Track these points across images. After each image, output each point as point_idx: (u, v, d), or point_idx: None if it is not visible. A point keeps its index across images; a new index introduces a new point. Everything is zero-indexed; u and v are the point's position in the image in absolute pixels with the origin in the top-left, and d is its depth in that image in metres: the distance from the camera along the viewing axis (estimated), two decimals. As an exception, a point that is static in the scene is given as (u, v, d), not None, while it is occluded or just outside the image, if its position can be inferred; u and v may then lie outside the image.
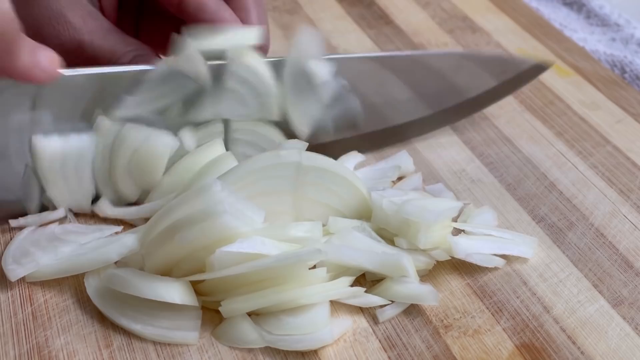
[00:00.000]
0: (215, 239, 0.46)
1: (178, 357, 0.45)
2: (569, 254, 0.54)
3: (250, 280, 0.46)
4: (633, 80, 0.75)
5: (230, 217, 0.45)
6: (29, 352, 0.45)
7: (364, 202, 0.53)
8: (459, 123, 0.66)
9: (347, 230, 0.51)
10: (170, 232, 0.46)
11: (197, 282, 0.47)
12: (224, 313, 0.47)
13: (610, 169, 0.62)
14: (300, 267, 0.46)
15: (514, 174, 0.61)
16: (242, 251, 0.45)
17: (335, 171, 0.52)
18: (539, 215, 0.57)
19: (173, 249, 0.47)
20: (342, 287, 0.49)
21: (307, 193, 0.51)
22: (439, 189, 0.58)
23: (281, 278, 0.46)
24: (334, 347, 0.46)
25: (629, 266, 0.53)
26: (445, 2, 0.86)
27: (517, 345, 0.47)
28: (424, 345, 0.47)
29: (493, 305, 0.49)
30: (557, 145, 0.64)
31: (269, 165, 0.50)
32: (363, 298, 0.49)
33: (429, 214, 0.50)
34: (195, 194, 0.46)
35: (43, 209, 0.53)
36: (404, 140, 0.63)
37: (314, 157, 0.51)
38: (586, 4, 0.89)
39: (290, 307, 0.46)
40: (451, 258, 0.51)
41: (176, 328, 0.46)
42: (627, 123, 0.68)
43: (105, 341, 0.46)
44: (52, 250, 0.49)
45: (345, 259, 0.49)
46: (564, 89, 0.72)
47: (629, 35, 0.83)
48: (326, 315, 0.47)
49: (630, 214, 0.57)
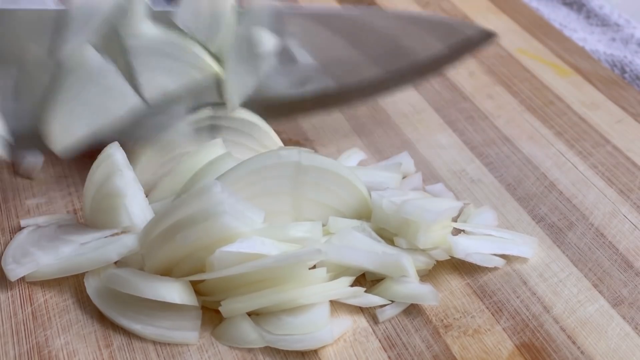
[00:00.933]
0: (216, 239, 0.46)
1: (178, 357, 0.45)
2: (569, 254, 0.54)
3: (250, 280, 0.47)
4: (633, 80, 0.75)
5: (231, 217, 0.45)
6: (29, 352, 0.45)
7: (363, 202, 0.53)
8: (459, 124, 0.66)
9: (347, 230, 0.51)
10: (170, 233, 0.46)
11: (197, 282, 0.48)
12: (224, 313, 0.47)
13: (610, 168, 0.62)
14: (300, 267, 0.46)
15: (514, 174, 0.61)
16: (242, 251, 0.45)
17: (335, 171, 0.52)
18: (539, 215, 0.57)
19: (173, 249, 0.47)
20: (342, 287, 0.49)
21: (306, 193, 0.51)
22: (439, 189, 0.58)
23: (281, 278, 0.46)
24: (334, 347, 0.46)
25: (629, 266, 0.53)
26: (445, 2, 0.86)
27: (517, 345, 0.47)
28: (424, 345, 0.47)
29: (493, 305, 0.49)
30: (557, 145, 0.64)
31: (269, 166, 0.50)
32: (363, 298, 0.49)
33: (428, 213, 0.50)
34: (195, 195, 0.46)
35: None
36: (356, 101, 0.64)
37: (313, 157, 0.51)
38: (586, 4, 0.89)
39: (290, 307, 0.46)
40: (451, 258, 0.51)
41: (176, 328, 0.46)
42: (627, 123, 0.68)
43: (105, 341, 0.46)
44: (52, 250, 0.49)
45: (345, 259, 0.49)
46: (564, 89, 0.72)
47: (629, 35, 0.83)
48: (326, 315, 0.47)
49: (630, 214, 0.57)
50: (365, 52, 0.61)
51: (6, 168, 0.59)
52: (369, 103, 0.65)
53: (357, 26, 0.61)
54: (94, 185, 0.51)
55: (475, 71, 0.75)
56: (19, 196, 0.57)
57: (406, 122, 0.67)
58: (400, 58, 0.63)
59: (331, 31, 0.60)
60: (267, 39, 0.55)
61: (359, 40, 0.61)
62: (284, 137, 0.64)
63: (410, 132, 0.65)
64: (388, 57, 0.62)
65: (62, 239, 0.50)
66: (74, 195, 0.57)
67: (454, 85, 0.72)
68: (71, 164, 0.60)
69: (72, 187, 0.58)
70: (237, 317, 0.47)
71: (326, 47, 0.60)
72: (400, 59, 0.63)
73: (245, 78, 0.56)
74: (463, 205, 0.55)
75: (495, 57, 0.77)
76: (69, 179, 0.59)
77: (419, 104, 0.69)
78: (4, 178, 0.59)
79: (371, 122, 0.67)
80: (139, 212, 0.50)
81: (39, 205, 0.56)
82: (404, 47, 0.62)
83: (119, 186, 0.49)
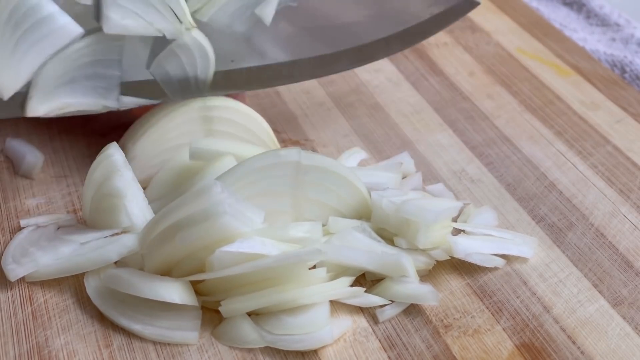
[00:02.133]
0: (216, 239, 0.46)
1: (178, 356, 0.45)
2: (569, 254, 0.54)
3: (250, 281, 0.47)
4: (633, 80, 0.75)
5: (231, 217, 0.45)
6: (29, 352, 0.45)
7: (363, 202, 0.53)
8: (459, 124, 0.66)
9: (347, 231, 0.51)
10: (170, 233, 0.46)
11: (197, 282, 0.48)
12: (224, 313, 0.47)
13: (610, 168, 0.62)
14: (300, 267, 0.46)
15: (513, 174, 0.61)
16: (242, 251, 0.45)
17: (335, 171, 0.52)
18: (539, 215, 0.57)
19: (173, 249, 0.47)
20: (342, 287, 0.49)
21: (306, 193, 0.51)
22: (439, 189, 0.58)
23: (281, 278, 0.46)
24: (334, 347, 0.46)
25: (629, 266, 0.53)
26: (445, 2, 0.86)
27: (517, 345, 0.47)
28: (424, 345, 0.47)
29: (493, 305, 0.49)
30: (557, 145, 0.64)
31: (268, 165, 0.50)
32: (363, 298, 0.49)
33: (428, 213, 0.50)
34: (195, 195, 0.46)
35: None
36: (337, 70, 0.61)
37: (313, 156, 0.51)
38: (586, 3, 0.89)
39: (290, 307, 0.46)
40: (451, 258, 0.51)
41: (176, 328, 0.46)
42: (627, 123, 0.68)
43: (105, 341, 0.46)
44: (52, 250, 0.49)
45: (345, 259, 0.49)
46: (564, 89, 0.72)
47: (629, 35, 0.83)
48: (326, 315, 0.47)
49: (630, 213, 0.57)
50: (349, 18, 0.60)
51: (6, 168, 0.60)
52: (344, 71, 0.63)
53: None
54: (93, 185, 0.51)
55: (475, 71, 0.75)
56: (19, 196, 0.57)
57: (406, 122, 0.67)
58: (385, 25, 0.61)
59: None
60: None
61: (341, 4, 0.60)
62: (284, 137, 0.64)
63: (410, 132, 0.65)
64: (372, 24, 0.61)
65: (62, 239, 0.50)
66: (74, 195, 0.57)
67: (454, 85, 0.72)
68: (71, 164, 0.60)
69: (72, 187, 0.58)
70: (237, 317, 0.46)
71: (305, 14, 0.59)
72: (386, 26, 0.61)
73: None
74: (463, 205, 0.55)
75: (495, 57, 0.77)
76: (69, 178, 0.59)
77: (419, 104, 0.69)
78: (4, 178, 0.59)
79: (371, 122, 0.67)
80: (139, 212, 0.50)
81: (39, 205, 0.56)
82: (388, 13, 0.61)
83: (118, 187, 0.49)
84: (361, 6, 0.61)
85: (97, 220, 0.51)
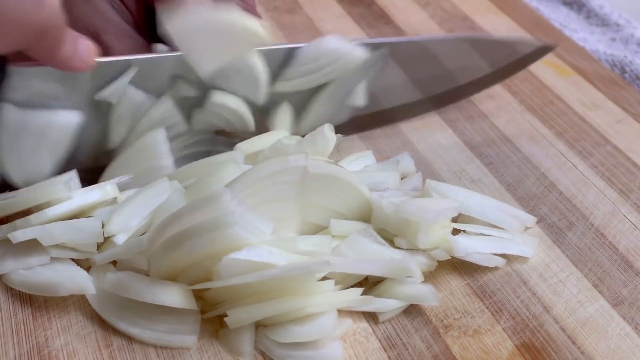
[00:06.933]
0: (224, 249, 0.45)
1: (178, 357, 0.45)
2: (569, 254, 0.54)
3: (257, 291, 0.46)
4: (633, 80, 0.75)
5: (240, 228, 0.44)
6: (29, 352, 0.45)
7: (367, 205, 0.53)
8: (459, 124, 0.66)
9: (355, 238, 0.50)
10: (178, 240, 0.45)
11: (203, 290, 0.47)
12: (230, 324, 0.46)
13: (610, 169, 0.62)
14: (308, 279, 0.45)
15: (514, 174, 0.61)
16: (249, 259, 0.44)
17: (341, 177, 0.51)
18: (539, 215, 0.57)
19: (180, 256, 0.46)
20: (354, 296, 0.48)
21: (312, 198, 0.51)
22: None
23: (289, 289, 0.46)
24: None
25: (629, 266, 0.53)
26: (445, 2, 0.86)
27: (517, 345, 0.47)
28: (424, 345, 0.47)
29: (493, 305, 0.49)
30: (557, 145, 0.64)
31: (277, 171, 0.49)
32: (372, 305, 0.48)
33: (428, 213, 0.50)
34: (205, 203, 0.45)
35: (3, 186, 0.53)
36: (389, 123, 0.65)
37: (320, 163, 0.51)
38: (586, 3, 0.89)
39: (298, 317, 0.46)
40: (451, 258, 0.51)
41: (175, 332, 0.46)
42: (627, 123, 0.68)
43: (105, 341, 0.46)
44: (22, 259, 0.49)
45: (353, 270, 0.48)
46: (564, 89, 0.72)
47: (629, 35, 0.83)
48: (334, 322, 0.46)
49: (630, 214, 0.57)
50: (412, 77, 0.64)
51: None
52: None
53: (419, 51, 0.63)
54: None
55: (475, 71, 0.75)
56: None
57: (406, 122, 0.67)
58: (447, 82, 0.66)
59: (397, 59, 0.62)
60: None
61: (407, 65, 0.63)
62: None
63: (410, 132, 0.65)
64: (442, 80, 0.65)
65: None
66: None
67: (454, 85, 0.72)
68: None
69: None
70: (240, 327, 0.46)
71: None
72: (447, 83, 0.66)
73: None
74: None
75: (495, 57, 0.77)
76: (69, 179, 0.58)
77: (419, 104, 0.69)
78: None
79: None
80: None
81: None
82: (452, 71, 0.65)
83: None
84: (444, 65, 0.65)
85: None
